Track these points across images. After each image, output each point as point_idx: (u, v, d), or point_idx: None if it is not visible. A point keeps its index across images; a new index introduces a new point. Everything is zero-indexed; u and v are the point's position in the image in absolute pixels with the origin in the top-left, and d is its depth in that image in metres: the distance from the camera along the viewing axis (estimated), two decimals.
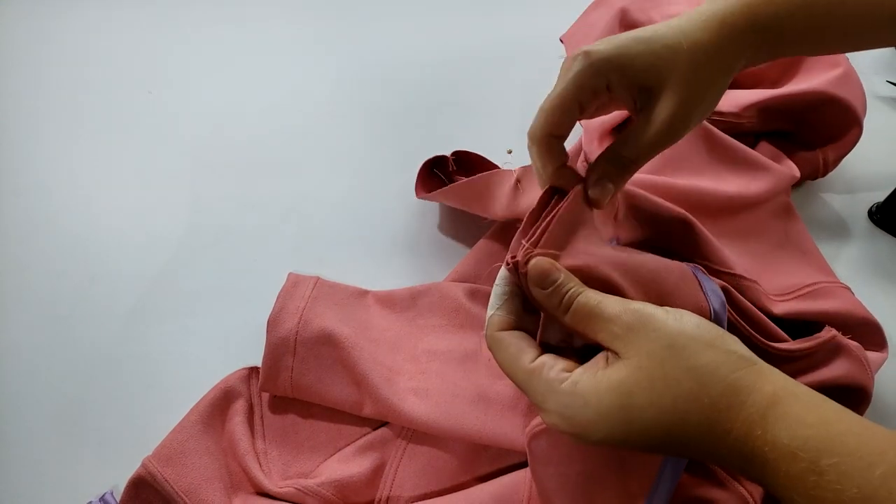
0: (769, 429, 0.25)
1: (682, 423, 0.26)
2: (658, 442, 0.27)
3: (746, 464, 0.25)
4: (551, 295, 0.30)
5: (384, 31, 0.71)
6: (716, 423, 0.26)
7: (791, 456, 0.24)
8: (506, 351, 0.30)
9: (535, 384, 0.29)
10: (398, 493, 0.42)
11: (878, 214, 0.56)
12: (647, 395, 0.26)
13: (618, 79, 0.32)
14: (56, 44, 0.68)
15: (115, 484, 0.43)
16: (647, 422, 0.27)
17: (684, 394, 0.26)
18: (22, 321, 0.50)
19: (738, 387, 0.26)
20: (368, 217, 0.57)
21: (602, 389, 0.27)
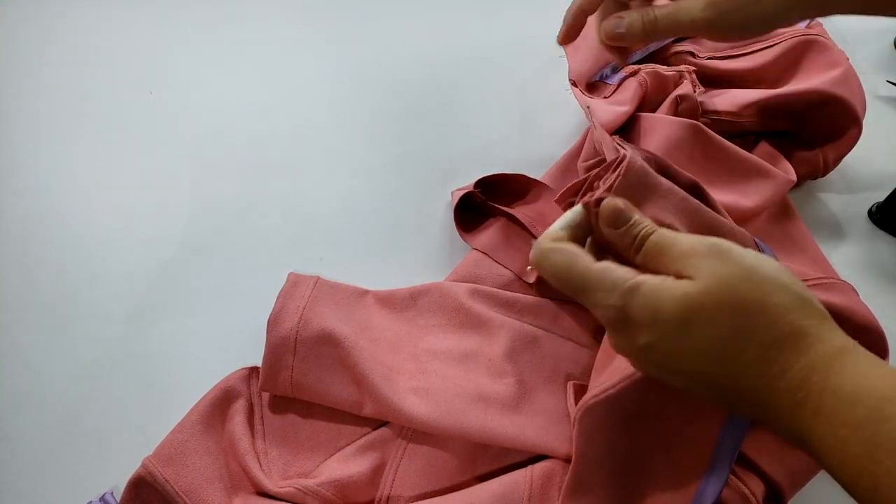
0: (831, 376, 0.24)
1: (737, 353, 0.25)
2: (705, 367, 0.26)
3: (796, 408, 0.25)
4: (624, 234, 0.29)
5: (384, 31, 0.71)
6: (773, 361, 0.25)
7: (853, 402, 0.23)
8: (563, 254, 0.29)
9: (595, 281, 0.28)
10: (398, 493, 0.42)
11: (878, 214, 0.56)
12: (711, 316, 0.26)
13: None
14: (56, 44, 0.68)
15: (115, 484, 0.43)
16: (702, 342, 0.26)
17: (749, 325, 0.25)
18: (22, 321, 0.50)
19: (806, 333, 0.25)
20: (368, 217, 0.57)
21: (665, 296, 0.26)
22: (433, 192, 0.57)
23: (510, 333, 0.46)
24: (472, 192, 0.53)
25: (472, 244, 0.53)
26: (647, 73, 0.57)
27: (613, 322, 0.28)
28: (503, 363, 0.46)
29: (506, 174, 0.54)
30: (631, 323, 0.27)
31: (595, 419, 0.37)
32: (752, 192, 0.51)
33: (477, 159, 0.60)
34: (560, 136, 0.61)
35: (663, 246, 0.28)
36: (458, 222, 0.53)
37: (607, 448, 0.36)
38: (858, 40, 0.69)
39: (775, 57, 0.58)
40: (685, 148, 0.52)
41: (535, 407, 0.44)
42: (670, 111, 0.55)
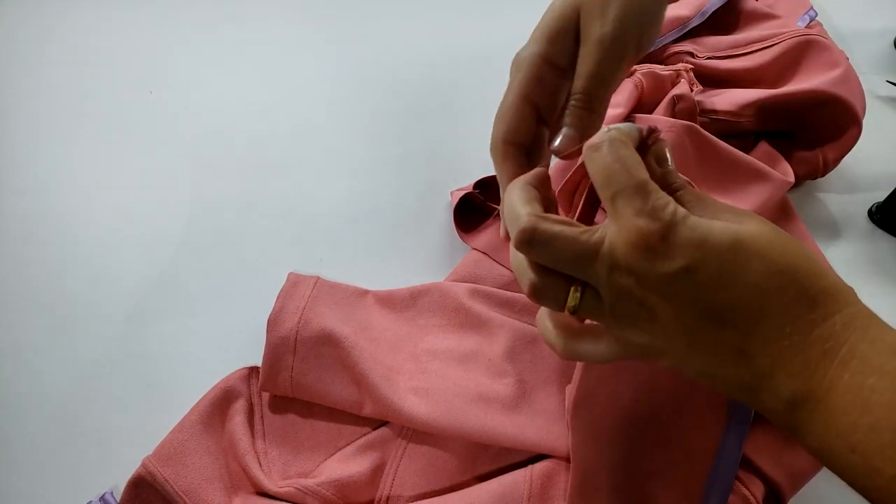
0: (871, 328, 0.24)
1: (781, 289, 0.25)
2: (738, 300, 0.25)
3: (823, 356, 0.24)
4: (664, 175, 0.29)
5: (384, 32, 0.71)
6: (815, 304, 0.25)
7: (892, 352, 0.24)
8: (632, 154, 0.27)
9: (652, 191, 0.26)
10: (398, 493, 0.42)
11: (878, 214, 0.56)
12: (762, 250, 0.25)
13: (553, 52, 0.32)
14: (56, 44, 0.68)
15: (115, 484, 0.43)
16: (750, 270, 0.25)
17: (798, 268, 0.25)
18: (22, 321, 0.50)
19: (849, 292, 0.26)
20: (368, 217, 0.57)
21: (717, 226, 0.26)
22: (433, 192, 0.57)
23: (510, 333, 0.46)
24: (472, 192, 0.53)
25: (472, 244, 0.53)
26: (642, 74, 0.57)
27: (653, 236, 0.25)
28: (503, 363, 0.46)
29: None
30: (673, 242, 0.25)
31: (585, 422, 0.37)
32: (749, 194, 0.51)
33: (477, 159, 0.60)
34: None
35: (698, 199, 0.28)
36: (457, 223, 0.53)
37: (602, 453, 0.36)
38: (858, 40, 0.69)
39: (775, 57, 0.58)
40: (681, 150, 0.52)
41: (535, 407, 0.44)
42: (667, 112, 0.55)
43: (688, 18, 0.62)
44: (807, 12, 0.65)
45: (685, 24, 0.62)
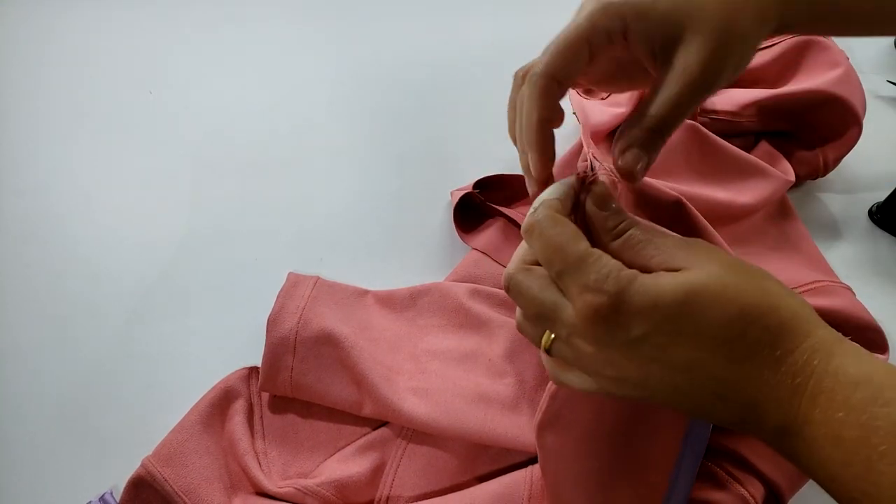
0: (834, 359, 0.24)
1: (740, 335, 0.25)
2: (701, 355, 0.25)
3: (795, 392, 0.24)
4: (609, 217, 0.29)
5: (384, 32, 0.71)
6: (776, 343, 0.25)
7: (854, 385, 0.23)
8: (563, 229, 0.27)
9: (591, 265, 0.26)
10: (398, 493, 0.42)
11: (878, 214, 0.56)
12: (715, 297, 0.25)
13: (636, 23, 0.29)
14: (56, 44, 0.68)
15: (115, 484, 0.43)
16: (705, 323, 0.25)
17: (753, 306, 0.25)
18: (22, 321, 0.50)
19: (809, 319, 0.25)
20: (368, 217, 0.57)
21: (666, 284, 0.25)
22: (433, 192, 0.57)
23: (510, 333, 0.46)
24: (472, 192, 0.53)
25: (472, 244, 0.53)
26: None
27: (603, 310, 0.26)
28: (503, 363, 0.46)
29: (505, 174, 0.54)
30: (624, 311, 0.25)
31: (551, 441, 0.37)
32: (749, 189, 0.51)
33: (477, 159, 0.60)
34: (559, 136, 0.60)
35: (647, 239, 0.28)
36: (457, 223, 0.53)
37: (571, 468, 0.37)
38: (859, 40, 0.69)
39: (775, 56, 0.58)
40: (682, 148, 0.52)
41: (535, 407, 0.44)
42: None
43: None
44: None
45: None
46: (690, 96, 0.29)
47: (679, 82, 0.29)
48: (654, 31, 0.29)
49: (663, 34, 0.29)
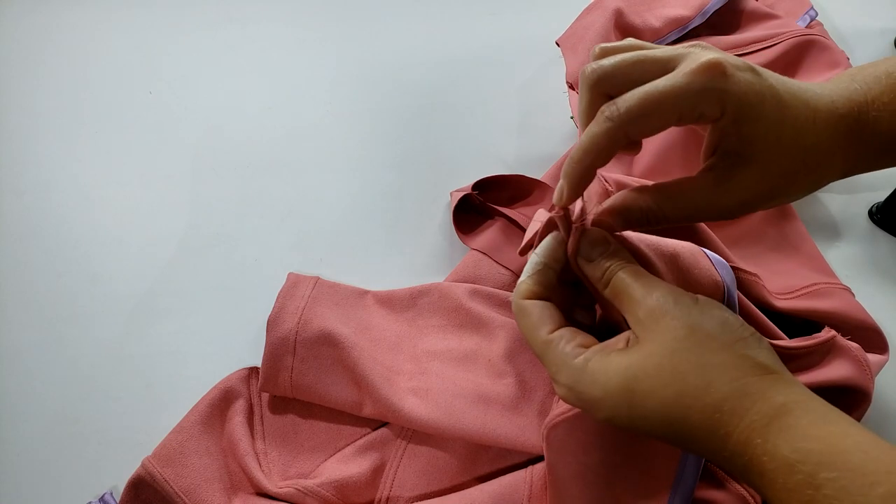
0: (770, 438, 0.24)
1: (683, 418, 0.26)
2: (661, 432, 0.27)
3: (745, 471, 0.25)
4: (595, 267, 0.29)
5: (384, 32, 0.71)
6: (718, 425, 0.25)
7: (789, 468, 0.23)
8: (527, 319, 0.30)
9: (550, 355, 0.29)
10: (398, 494, 0.42)
11: (878, 214, 0.56)
12: (652, 384, 0.26)
13: (731, 122, 0.27)
14: (56, 43, 0.68)
15: (115, 484, 0.43)
16: (649, 410, 0.26)
17: (689, 389, 0.26)
18: (22, 321, 0.50)
19: (745, 392, 0.25)
20: (368, 217, 0.57)
21: (610, 370, 0.27)
22: (433, 192, 0.57)
23: (510, 334, 0.46)
24: (471, 193, 0.53)
25: (472, 245, 0.53)
26: None
27: (568, 398, 0.28)
28: (503, 363, 0.46)
29: (505, 175, 0.54)
30: (584, 400, 0.28)
31: (561, 436, 0.37)
32: None
33: (476, 159, 0.60)
34: (560, 135, 0.61)
35: (623, 289, 0.28)
36: (456, 224, 0.53)
37: (578, 464, 0.37)
38: (858, 40, 0.69)
39: (775, 57, 0.58)
40: (680, 149, 0.52)
41: (535, 407, 0.44)
42: None
43: (688, 19, 0.62)
44: (807, 12, 0.65)
45: (686, 25, 0.62)
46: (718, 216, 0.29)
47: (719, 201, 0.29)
48: (735, 139, 0.28)
49: (740, 149, 0.28)
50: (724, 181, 0.29)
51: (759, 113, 0.27)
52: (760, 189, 0.29)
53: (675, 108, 0.27)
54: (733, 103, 0.27)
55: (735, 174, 0.28)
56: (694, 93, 0.27)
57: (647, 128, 0.28)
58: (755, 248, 0.51)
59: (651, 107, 0.27)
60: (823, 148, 0.29)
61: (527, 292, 0.30)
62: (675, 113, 0.27)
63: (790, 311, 0.45)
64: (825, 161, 0.30)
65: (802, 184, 0.30)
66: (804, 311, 0.45)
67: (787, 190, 0.30)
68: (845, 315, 0.45)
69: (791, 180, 0.29)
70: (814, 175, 0.30)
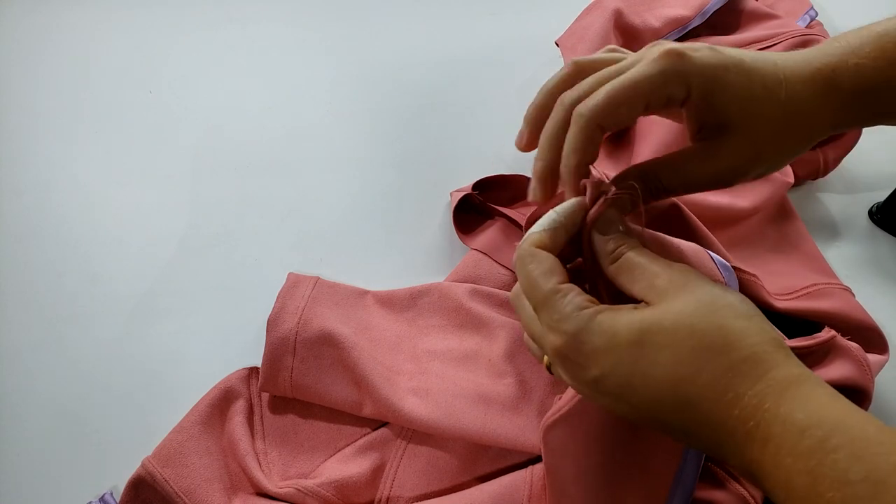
0: (784, 403, 0.24)
1: (692, 377, 0.25)
2: (658, 393, 0.25)
3: (747, 439, 0.24)
4: (608, 241, 0.29)
5: (384, 32, 0.71)
6: (728, 387, 0.24)
7: (800, 432, 0.23)
8: (537, 265, 0.28)
9: (555, 303, 0.27)
10: (398, 494, 0.42)
11: (878, 214, 0.56)
12: (667, 338, 0.25)
13: (700, 98, 0.29)
14: (56, 43, 0.68)
15: (115, 484, 0.43)
16: (656, 366, 0.25)
17: (706, 347, 0.25)
18: (22, 321, 0.50)
19: (763, 359, 0.25)
20: (368, 217, 0.57)
21: (621, 323, 0.26)
22: (433, 192, 0.57)
23: (510, 334, 0.46)
24: (471, 193, 0.53)
25: (472, 245, 0.53)
26: None
27: (563, 350, 0.27)
28: (503, 363, 0.46)
29: (505, 175, 0.54)
30: (583, 352, 0.26)
31: (560, 437, 0.37)
32: (748, 192, 0.51)
33: (476, 159, 0.60)
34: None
35: (634, 265, 0.28)
36: (456, 224, 0.53)
37: (577, 466, 0.37)
38: None
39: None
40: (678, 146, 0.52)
41: (535, 407, 0.44)
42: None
43: (688, 19, 0.62)
44: (807, 12, 0.65)
45: (685, 25, 0.62)
46: (713, 183, 0.30)
47: (709, 168, 0.30)
48: (710, 110, 0.29)
49: (717, 120, 0.29)
50: (711, 150, 0.30)
51: (725, 81, 0.29)
52: (748, 153, 0.30)
53: (640, 96, 0.28)
54: (696, 79, 0.28)
55: (721, 143, 0.30)
56: (655, 77, 0.28)
57: (618, 120, 0.29)
58: (755, 249, 0.51)
59: (616, 102, 0.28)
60: (801, 102, 0.30)
61: (538, 241, 0.29)
62: (642, 100, 0.28)
63: (790, 312, 0.45)
64: (808, 115, 0.30)
65: (791, 142, 0.31)
66: (804, 312, 0.46)
67: (778, 149, 0.31)
68: (845, 315, 0.45)
69: (778, 139, 0.30)
70: (800, 131, 0.31)
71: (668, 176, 0.30)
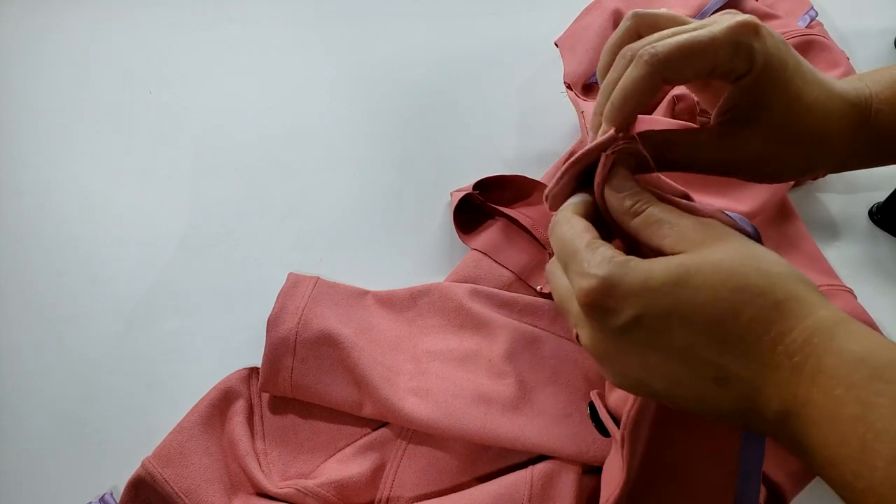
0: (836, 338, 0.23)
1: (734, 315, 0.24)
2: (694, 338, 0.25)
3: (792, 373, 0.24)
4: (626, 198, 0.28)
5: (384, 32, 0.71)
6: (772, 323, 0.24)
7: (857, 363, 0.22)
8: (570, 227, 0.28)
9: (587, 254, 0.26)
10: (398, 494, 0.42)
11: (878, 214, 0.56)
12: (706, 279, 0.25)
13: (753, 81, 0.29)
14: (56, 44, 0.68)
15: (115, 484, 0.43)
16: (696, 305, 0.24)
17: (748, 287, 0.24)
18: (22, 321, 0.50)
19: (808, 300, 0.24)
20: (368, 217, 0.57)
21: (657, 265, 0.25)
22: (433, 192, 0.57)
23: (510, 334, 0.46)
24: (471, 193, 0.53)
25: (472, 245, 0.53)
26: None
27: (594, 295, 0.26)
28: (503, 364, 0.46)
29: (505, 175, 0.54)
30: (614, 295, 0.25)
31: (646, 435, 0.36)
32: (747, 196, 0.51)
33: (477, 159, 0.60)
34: (560, 135, 0.61)
35: (660, 219, 0.27)
36: (457, 224, 0.53)
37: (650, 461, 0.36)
38: (858, 40, 0.69)
39: None
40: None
41: (535, 407, 0.44)
42: (667, 112, 0.55)
43: None
44: (807, 12, 0.65)
45: None
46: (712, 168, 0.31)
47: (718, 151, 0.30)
48: (751, 98, 0.29)
49: (753, 108, 0.29)
50: (728, 135, 0.30)
51: (781, 78, 0.29)
52: (759, 151, 0.30)
53: (711, 57, 0.28)
54: (760, 62, 0.28)
55: (741, 131, 0.30)
56: (729, 45, 0.28)
57: (682, 74, 0.28)
58: None
59: (689, 53, 0.28)
60: (826, 131, 0.31)
61: (575, 208, 0.29)
62: (711, 62, 0.28)
63: None
64: (825, 144, 0.31)
65: (797, 160, 0.31)
66: None
67: (783, 161, 0.31)
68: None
69: (788, 152, 0.31)
70: (811, 155, 0.31)
71: (678, 149, 0.30)
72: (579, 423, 0.43)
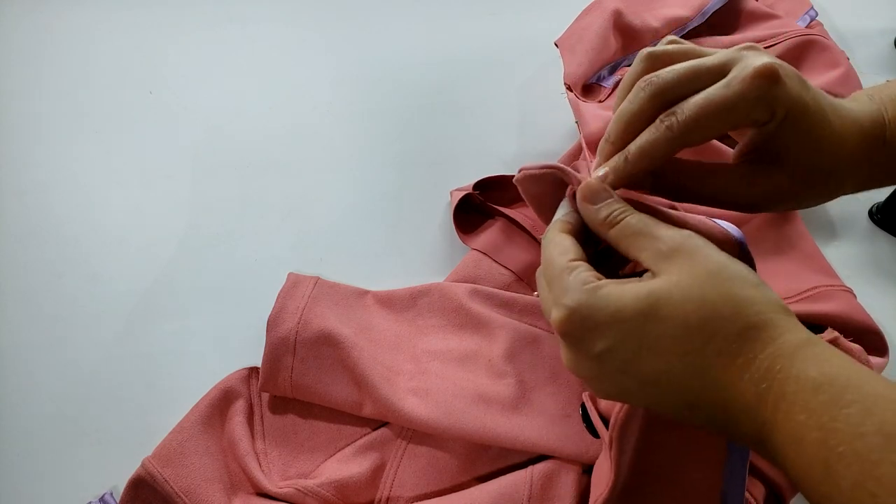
0: (797, 363, 0.24)
1: (703, 346, 0.25)
2: (666, 366, 0.25)
3: (759, 401, 0.24)
4: (600, 209, 0.29)
5: (384, 32, 0.71)
6: (738, 352, 0.25)
7: (815, 389, 0.23)
8: (555, 247, 0.29)
9: (563, 279, 0.27)
10: (398, 494, 0.42)
11: (878, 214, 0.56)
12: (675, 309, 0.25)
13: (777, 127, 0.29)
14: (56, 43, 0.68)
15: (115, 484, 0.43)
16: (665, 335, 0.25)
17: (715, 316, 0.25)
18: (22, 321, 0.50)
19: (774, 324, 0.25)
20: (368, 217, 0.57)
21: (627, 295, 0.26)
22: (433, 192, 0.57)
23: (510, 334, 0.46)
24: (471, 193, 0.53)
25: (472, 245, 0.53)
26: None
27: (567, 324, 0.26)
28: (503, 363, 0.46)
29: (505, 175, 0.54)
30: (587, 325, 0.26)
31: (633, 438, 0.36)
32: None
33: (477, 159, 0.60)
34: (559, 135, 0.61)
35: (636, 230, 0.28)
36: (457, 224, 0.53)
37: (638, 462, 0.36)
38: (858, 40, 0.69)
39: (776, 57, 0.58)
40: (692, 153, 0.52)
41: (535, 407, 0.44)
42: None
43: (688, 19, 0.62)
44: (807, 12, 0.65)
45: (685, 25, 0.62)
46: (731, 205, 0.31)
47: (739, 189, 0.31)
48: (775, 143, 0.30)
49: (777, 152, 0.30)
50: (753, 175, 0.31)
51: (803, 122, 0.29)
52: (783, 190, 0.31)
53: (730, 117, 0.28)
54: (782, 110, 0.29)
55: (765, 172, 0.30)
56: (749, 101, 0.28)
57: (704, 136, 0.29)
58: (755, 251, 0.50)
59: (708, 117, 0.28)
60: (849, 163, 0.31)
61: (563, 227, 0.30)
62: (731, 121, 0.29)
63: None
64: (846, 176, 0.31)
65: (819, 193, 0.32)
66: (805, 315, 0.45)
67: (805, 195, 0.31)
68: (847, 318, 0.45)
69: (812, 187, 0.31)
70: (833, 187, 0.32)
71: (698, 183, 0.31)
72: (579, 423, 0.43)
